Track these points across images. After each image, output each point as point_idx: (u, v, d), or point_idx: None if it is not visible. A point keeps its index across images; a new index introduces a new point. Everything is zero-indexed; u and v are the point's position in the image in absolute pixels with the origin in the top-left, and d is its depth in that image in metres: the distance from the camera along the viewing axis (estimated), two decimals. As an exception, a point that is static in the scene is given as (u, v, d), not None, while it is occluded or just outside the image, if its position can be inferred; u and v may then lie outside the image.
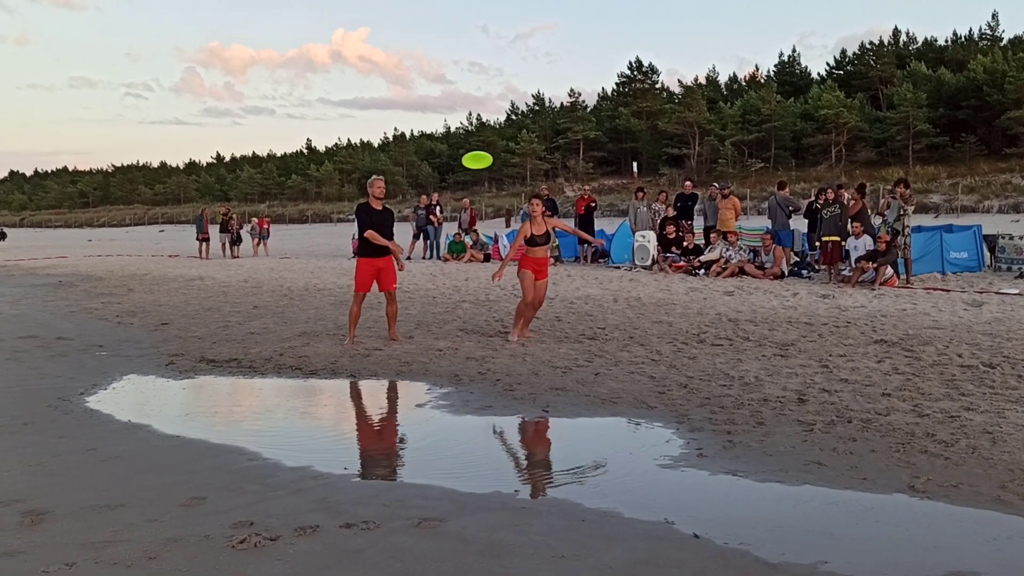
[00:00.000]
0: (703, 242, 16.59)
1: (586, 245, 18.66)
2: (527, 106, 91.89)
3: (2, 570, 3.09)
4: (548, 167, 72.86)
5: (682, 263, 15.86)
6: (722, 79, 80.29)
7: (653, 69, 78.36)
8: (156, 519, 3.59)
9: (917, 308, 10.10)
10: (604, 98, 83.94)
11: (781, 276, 14.18)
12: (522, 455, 4.82)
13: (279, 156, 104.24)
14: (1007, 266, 14.32)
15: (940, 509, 3.66)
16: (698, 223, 18.24)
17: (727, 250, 15.10)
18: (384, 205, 8.47)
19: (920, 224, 16.06)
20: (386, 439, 5.30)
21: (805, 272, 14.43)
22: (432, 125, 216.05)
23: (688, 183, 18.73)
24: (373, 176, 8.61)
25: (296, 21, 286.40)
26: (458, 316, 10.31)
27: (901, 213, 13.07)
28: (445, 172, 79.44)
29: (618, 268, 17.08)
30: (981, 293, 11.39)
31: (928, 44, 69.33)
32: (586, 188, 22.61)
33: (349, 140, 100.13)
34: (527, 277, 8.25)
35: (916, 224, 14.37)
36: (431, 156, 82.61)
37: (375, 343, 8.25)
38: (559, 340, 8.33)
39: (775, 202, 15.83)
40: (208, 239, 25.01)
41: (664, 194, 18.70)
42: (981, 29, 67.42)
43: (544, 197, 8.46)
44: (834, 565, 3.07)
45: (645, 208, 17.83)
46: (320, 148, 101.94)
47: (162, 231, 65.38)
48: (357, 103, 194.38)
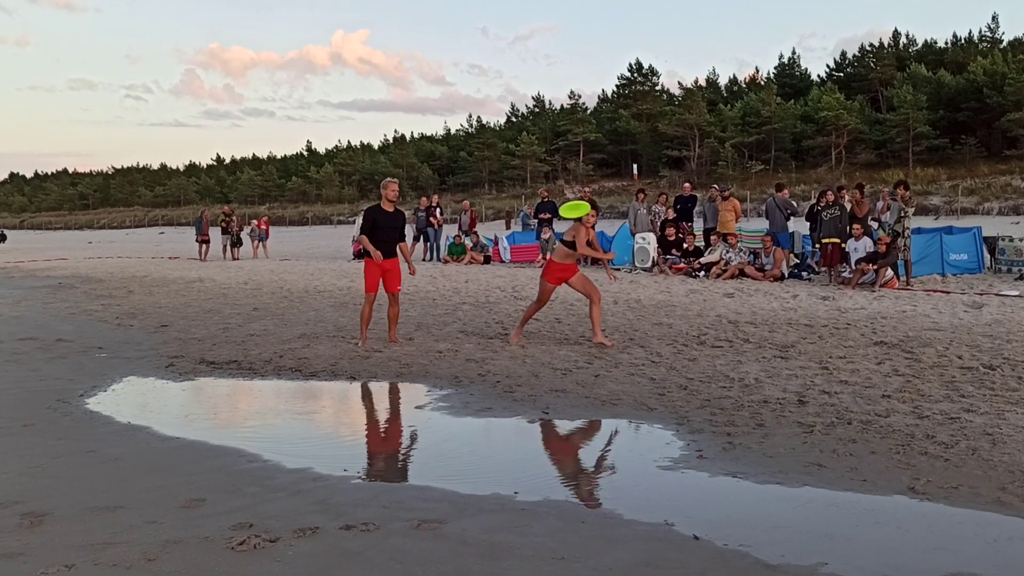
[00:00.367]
0: (703, 244, 16.60)
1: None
2: (527, 108, 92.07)
3: (2, 572, 3.09)
4: (548, 169, 72.86)
5: (682, 265, 15.87)
6: (722, 81, 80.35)
7: (653, 71, 78.40)
8: (155, 521, 3.59)
9: (917, 310, 10.10)
10: (604, 100, 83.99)
11: (781, 278, 14.19)
12: (522, 457, 4.81)
13: (279, 158, 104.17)
14: (1007, 268, 14.33)
15: (940, 511, 3.65)
16: (698, 225, 18.26)
17: (727, 252, 15.10)
18: (396, 208, 8.49)
19: (920, 226, 16.07)
20: (386, 441, 5.30)
21: (805, 274, 14.44)
22: (432, 127, 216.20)
23: (687, 185, 18.75)
24: (388, 179, 8.57)
25: (296, 23, 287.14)
26: (458, 318, 10.31)
27: (901, 215, 13.08)
28: (445, 174, 79.45)
29: (618, 270, 17.07)
30: (981, 295, 11.39)
31: (928, 46, 69.36)
32: (586, 190, 22.64)
33: (349, 142, 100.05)
34: (548, 284, 8.27)
35: (916, 226, 14.38)
36: (431, 158, 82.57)
37: (375, 345, 8.26)
38: (559, 342, 8.33)
39: (773, 204, 15.84)
40: (208, 241, 25.03)
41: (664, 196, 18.70)
42: (981, 31, 67.55)
43: (590, 203, 8.63)
44: (834, 567, 3.06)
45: (645, 210, 17.85)
46: (320, 150, 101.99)
47: (162, 233, 65.37)
48: (357, 105, 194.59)
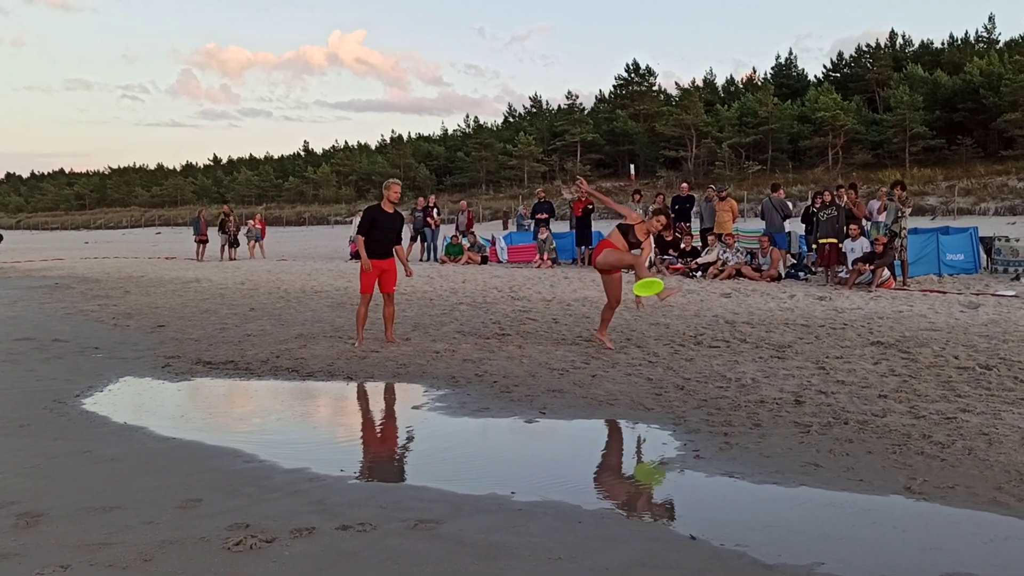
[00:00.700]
0: (700, 244, 16.61)
1: (583, 247, 18.66)
2: (524, 108, 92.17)
3: (-3, 572, 3.09)
4: (545, 169, 72.89)
5: (679, 265, 15.88)
6: (719, 81, 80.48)
7: (650, 71, 78.47)
8: (152, 521, 3.58)
9: (913, 310, 10.11)
10: (601, 100, 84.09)
11: (778, 278, 14.20)
12: (519, 457, 4.81)
13: (276, 158, 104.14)
14: (1003, 268, 14.35)
15: (936, 510, 3.66)
16: (695, 225, 18.26)
17: (724, 252, 15.11)
18: (396, 209, 8.47)
19: (916, 226, 16.08)
20: (383, 441, 5.30)
21: (802, 274, 14.45)
22: (429, 127, 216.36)
23: (685, 185, 18.76)
24: (391, 179, 8.53)
25: (292, 23, 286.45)
26: (455, 318, 10.31)
27: (898, 215, 13.09)
28: (442, 174, 79.42)
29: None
30: (977, 295, 11.41)
31: (924, 47, 69.51)
32: (583, 187, 22.59)
33: (346, 142, 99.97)
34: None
35: (912, 226, 14.39)
36: (428, 158, 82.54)
37: (372, 345, 8.25)
38: (556, 342, 8.33)
39: (769, 204, 15.86)
40: (207, 241, 25.01)
41: (661, 196, 18.70)
42: (977, 32, 67.80)
43: (665, 212, 8.60)
44: (831, 566, 3.07)
45: (641, 211, 17.84)
46: (317, 150, 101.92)
47: (159, 233, 65.25)
48: (354, 105, 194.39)
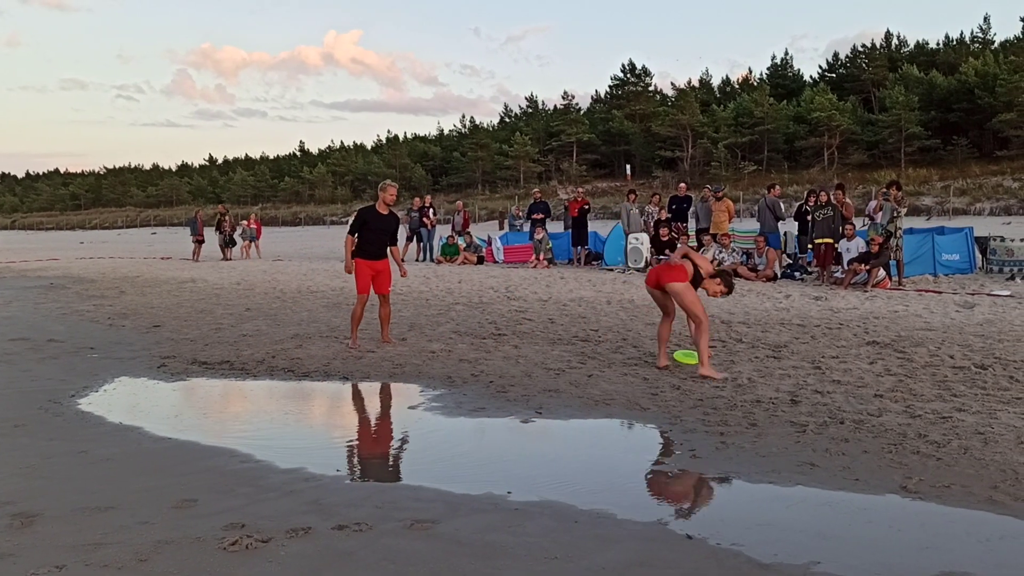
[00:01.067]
0: (696, 244, 16.60)
1: (579, 247, 18.66)
2: (520, 108, 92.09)
3: (-9, 573, 3.07)
4: (541, 169, 72.84)
5: (675, 265, 15.85)
6: (715, 82, 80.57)
7: (646, 72, 78.49)
8: (147, 521, 3.57)
9: (909, 310, 10.13)
10: (597, 100, 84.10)
11: (774, 278, 14.22)
12: (515, 457, 4.80)
13: (272, 158, 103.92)
14: (998, 268, 14.39)
15: (932, 510, 3.67)
16: (691, 226, 18.26)
17: (720, 252, 15.12)
18: (391, 211, 8.40)
19: (912, 226, 16.13)
20: (379, 441, 5.29)
21: (798, 274, 14.48)
22: (425, 127, 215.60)
23: (682, 185, 18.76)
24: (387, 181, 8.42)
25: (288, 23, 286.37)
26: (451, 318, 10.30)
27: (894, 215, 13.13)
28: (438, 175, 79.35)
29: (611, 270, 17.10)
30: (973, 295, 11.44)
31: (920, 47, 69.68)
32: (580, 191, 22.62)
33: (342, 142, 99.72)
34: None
35: (908, 226, 14.43)
36: (424, 158, 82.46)
37: (368, 345, 8.24)
38: (552, 342, 8.33)
39: (764, 204, 15.90)
40: (203, 241, 25.01)
41: (657, 196, 18.72)
42: (973, 32, 68.04)
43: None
44: (827, 566, 3.07)
45: (637, 211, 17.86)
46: (313, 150, 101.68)
47: (154, 233, 65.09)
48: (349, 105, 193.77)
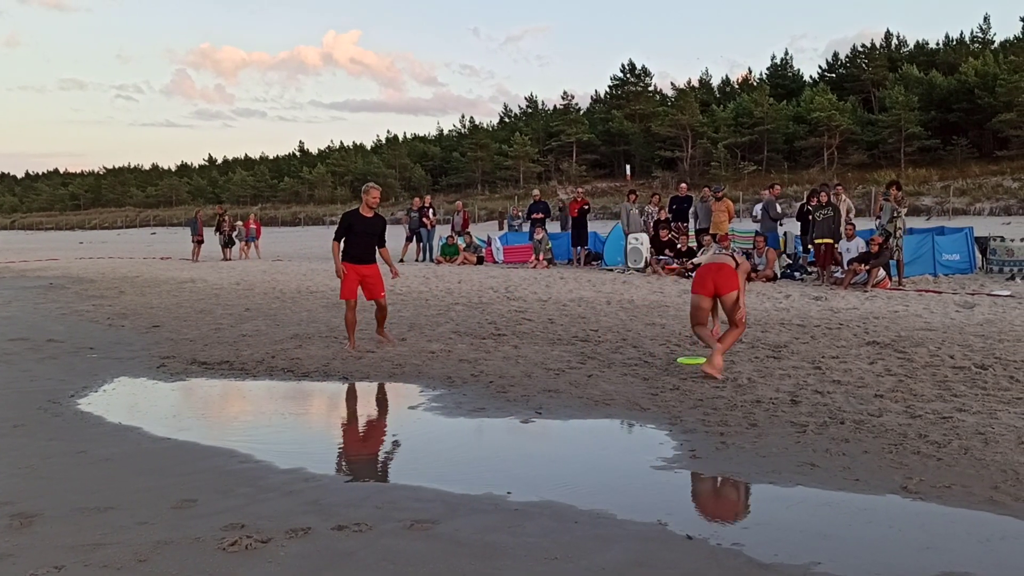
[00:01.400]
0: (695, 244, 16.60)
1: (579, 248, 18.65)
2: (520, 109, 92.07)
3: (-10, 573, 3.07)
4: (541, 170, 72.83)
5: (675, 265, 15.87)
6: (714, 82, 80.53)
7: (646, 72, 78.42)
8: (146, 521, 3.57)
9: (909, 310, 10.13)
10: (597, 101, 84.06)
11: (774, 278, 14.22)
12: (515, 457, 4.80)
13: (271, 158, 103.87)
14: (998, 268, 14.39)
15: (933, 510, 3.66)
16: (690, 226, 18.26)
17: (719, 252, 15.09)
18: (376, 212, 8.23)
19: (912, 226, 16.12)
20: (379, 441, 5.29)
21: (798, 274, 14.47)
22: (424, 127, 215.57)
23: (683, 185, 18.78)
24: (370, 184, 8.23)
25: (287, 23, 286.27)
26: (451, 318, 10.29)
27: (894, 215, 13.12)
28: (438, 175, 79.37)
29: (611, 271, 17.10)
30: (973, 295, 11.43)
31: (920, 47, 69.66)
32: (579, 191, 22.61)
33: (341, 142, 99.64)
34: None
35: (908, 226, 14.42)
36: (424, 158, 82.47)
37: (368, 345, 8.23)
38: (552, 342, 8.33)
39: (763, 204, 15.92)
40: (203, 241, 25.03)
41: (657, 196, 18.71)
42: (972, 32, 67.97)
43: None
44: (827, 566, 3.06)
45: (637, 211, 17.86)
46: (312, 150, 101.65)
47: (153, 233, 65.09)
48: (349, 105, 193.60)
